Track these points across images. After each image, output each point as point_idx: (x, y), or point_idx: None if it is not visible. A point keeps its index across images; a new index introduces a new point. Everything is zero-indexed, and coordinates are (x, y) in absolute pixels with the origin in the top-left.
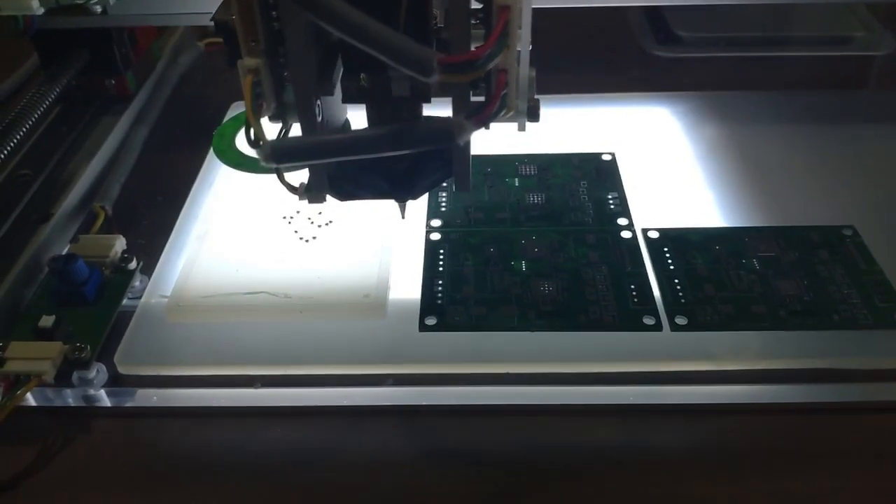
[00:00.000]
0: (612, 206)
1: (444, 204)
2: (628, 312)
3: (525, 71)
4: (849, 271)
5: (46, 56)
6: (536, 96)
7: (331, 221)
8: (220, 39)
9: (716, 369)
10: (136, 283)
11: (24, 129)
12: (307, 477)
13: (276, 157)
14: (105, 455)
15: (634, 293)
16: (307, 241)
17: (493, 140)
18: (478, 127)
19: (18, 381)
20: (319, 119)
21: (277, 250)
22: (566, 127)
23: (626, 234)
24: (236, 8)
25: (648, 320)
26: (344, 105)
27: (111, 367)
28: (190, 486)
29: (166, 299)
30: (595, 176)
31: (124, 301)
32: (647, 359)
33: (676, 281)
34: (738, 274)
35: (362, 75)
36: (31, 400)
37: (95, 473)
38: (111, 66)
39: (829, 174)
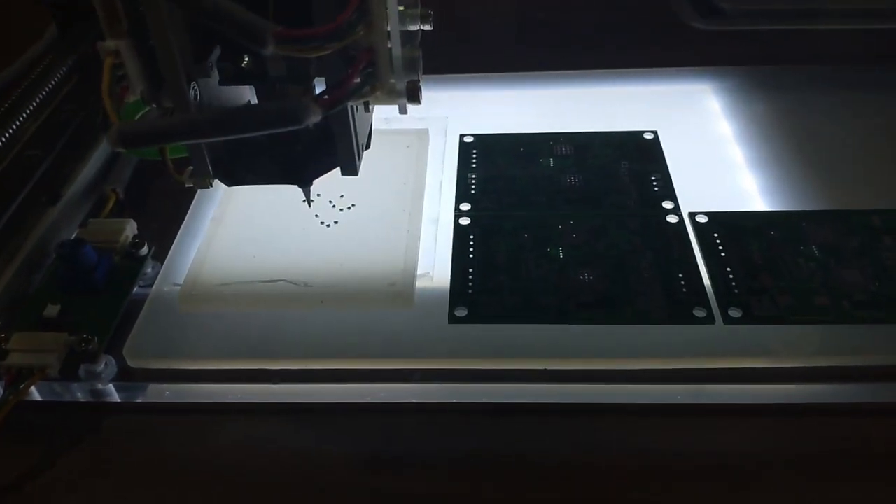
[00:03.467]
0: (655, 188)
1: (473, 186)
2: (677, 304)
3: (398, 49)
4: None
5: (64, 25)
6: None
7: (353, 205)
8: None
9: (773, 366)
10: (148, 269)
11: (32, 106)
12: (326, 478)
13: (124, 142)
14: (113, 453)
15: (683, 283)
16: (328, 225)
17: (525, 118)
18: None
19: (21, 375)
20: (197, 102)
21: (297, 235)
22: (604, 104)
23: (672, 219)
24: None
25: (699, 312)
26: (241, 88)
27: (120, 360)
28: (202, 487)
29: (179, 287)
30: (636, 155)
31: (135, 289)
32: (698, 354)
33: (728, 269)
34: (795, 262)
35: (245, 56)
36: (35, 394)
37: (103, 472)
38: None
39: (890, 152)
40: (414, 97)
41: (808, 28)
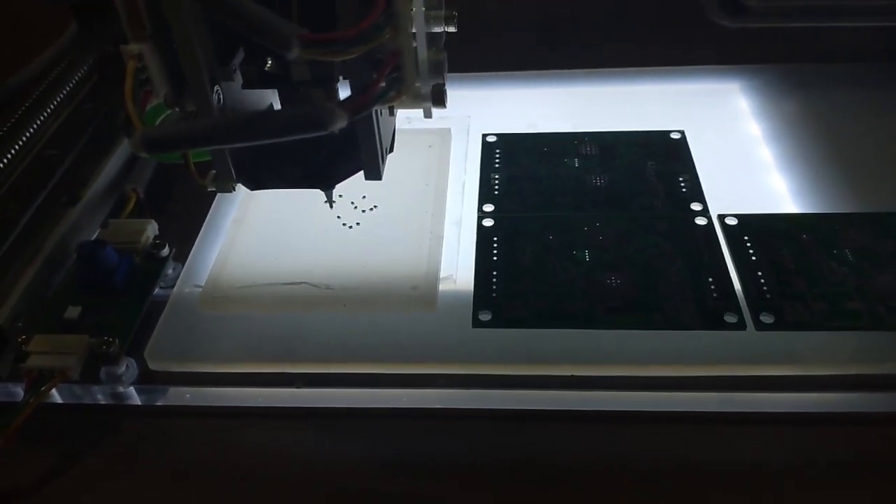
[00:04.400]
0: (683, 190)
1: (497, 186)
2: (707, 309)
3: (424, 52)
4: None
5: (84, 22)
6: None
7: (375, 206)
8: None
9: (805, 374)
10: (169, 271)
11: (52, 106)
12: (346, 483)
13: (148, 147)
14: (134, 457)
15: (713, 287)
16: (350, 227)
17: (549, 118)
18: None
19: (42, 377)
20: (220, 105)
21: (319, 237)
22: (629, 103)
23: (700, 221)
24: None
25: (730, 318)
26: (264, 91)
27: (141, 363)
28: (224, 491)
29: (200, 289)
30: (664, 156)
31: (156, 291)
32: (729, 361)
33: (760, 274)
34: (829, 266)
35: (268, 59)
36: (56, 397)
37: (124, 476)
38: None
39: None
40: (439, 101)
41: (836, 26)
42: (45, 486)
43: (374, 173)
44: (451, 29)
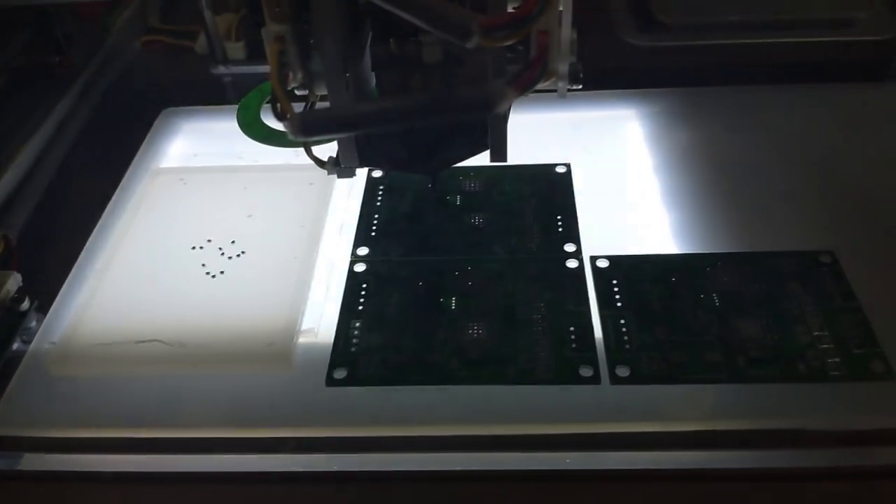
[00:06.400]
0: (560, 230)
1: (374, 228)
2: (564, 361)
3: (567, 31)
4: (821, 308)
5: None
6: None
7: (243, 252)
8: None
9: (661, 430)
10: (32, 323)
11: None
12: None
13: (307, 131)
14: None
15: (573, 337)
16: (214, 276)
17: None
18: (519, 94)
19: None
20: (348, 88)
21: (181, 288)
22: (520, 132)
23: (571, 264)
24: None
25: (585, 371)
26: (371, 72)
27: None
28: None
29: (55, 346)
30: (546, 192)
31: (16, 345)
32: (582, 419)
33: (623, 322)
34: (694, 313)
35: (392, 40)
36: None
37: None
38: (52, 43)
39: (812, 187)
40: (576, 79)
41: (753, 42)
42: None
43: (501, 155)
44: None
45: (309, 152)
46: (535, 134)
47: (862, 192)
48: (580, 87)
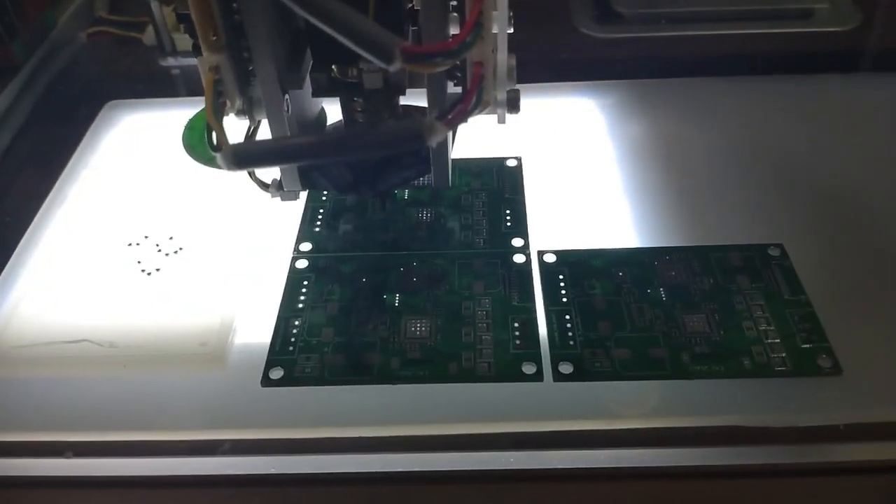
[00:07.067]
0: (508, 224)
1: (319, 221)
2: (507, 359)
3: (503, 59)
4: (769, 302)
5: None
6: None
7: (181, 248)
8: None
9: (604, 428)
10: None
11: None
12: None
13: (238, 162)
14: None
15: (517, 333)
16: (149, 273)
17: None
18: (450, 128)
19: None
20: (289, 113)
21: (114, 286)
22: (473, 124)
23: (518, 259)
24: (191, 1)
25: (528, 368)
26: (316, 98)
27: None
28: None
29: None
30: (496, 185)
31: None
32: (525, 417)
33: (568, 317)
34: (639, 308)
35: (333, 67)
36: None
37: None
38: None
39: (765, 180)
40: (514, 107)
41: (709, 34)
42: None
43: (444, 181)
44: (510, 31)
45: (252, 176)
46: (487, 126)
47: (815, 185)
48: (518, 111)
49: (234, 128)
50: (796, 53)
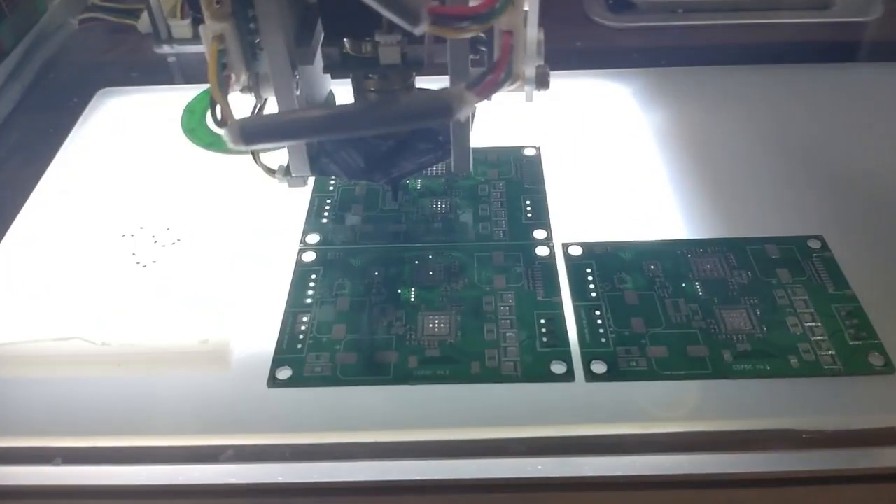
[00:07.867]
0: (529, 215)
1: (326, 212)
2: (534, 357)
3: (533, 32)
4: (813, 297)
5: None
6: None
7: (178, 240)
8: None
9: (641, 432)
10: None
11: None
12: None
13: (246, 138)
14: None
15: (544, 331)
16: (145, 266)
17: None
18: (480, 98)
19: None
20: (297, 92)
21: (107, 280)
22: (489, 112)
23: (542, 251)
24: None
25: (558, 368)
26: (326, 75)
27: None
28: None
29: None
30: (514, 175)
31: None
32: (555, 421)
33: (598, 313)
34: (675, 303)
35: (345, 41)
36: None
37: None
38: None
39: (793, 169)
40: (543, 83)
41: (726, 23)
42: None
43: (465, 166)
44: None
45: (257, 160)
46: (504, 114)
47: (848, 175)
48: (547, 88)
49: (238, 107)
50: (813, 43)
